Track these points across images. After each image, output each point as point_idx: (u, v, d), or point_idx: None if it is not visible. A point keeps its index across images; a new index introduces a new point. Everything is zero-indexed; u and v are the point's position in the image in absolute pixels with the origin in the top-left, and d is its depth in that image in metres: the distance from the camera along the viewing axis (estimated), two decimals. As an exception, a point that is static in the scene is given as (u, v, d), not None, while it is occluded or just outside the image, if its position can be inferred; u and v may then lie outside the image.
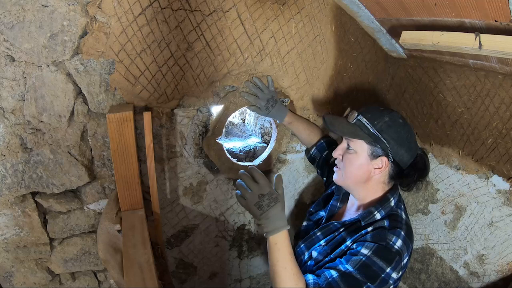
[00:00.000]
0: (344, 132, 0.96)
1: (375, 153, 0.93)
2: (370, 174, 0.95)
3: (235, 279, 1.73)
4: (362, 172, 0.95)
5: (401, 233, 0.86)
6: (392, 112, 0.97)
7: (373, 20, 1.28)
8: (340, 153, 1.00)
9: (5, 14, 0.89)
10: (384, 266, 0.81)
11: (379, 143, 0.93)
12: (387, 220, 0.90)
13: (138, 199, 1.12)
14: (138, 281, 0.81)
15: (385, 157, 0.93)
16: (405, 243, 0.85)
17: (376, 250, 0.82)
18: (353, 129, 0.95)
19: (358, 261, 0.82)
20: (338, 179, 1.02)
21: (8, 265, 1.20)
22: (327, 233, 1.00)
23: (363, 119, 0.94)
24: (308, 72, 1.36)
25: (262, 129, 1.67)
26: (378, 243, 0.83)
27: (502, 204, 1.14)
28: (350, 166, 0.96)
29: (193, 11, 1.07)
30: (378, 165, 0.94)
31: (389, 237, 0.85)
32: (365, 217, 0.92)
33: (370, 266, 0.81)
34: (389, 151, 0.92)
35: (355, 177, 0.97)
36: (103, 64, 1.03)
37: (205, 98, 1.23)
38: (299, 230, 1.16)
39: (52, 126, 1.05)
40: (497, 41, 0.83)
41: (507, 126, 1.09)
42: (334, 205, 1.09)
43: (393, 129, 0.93)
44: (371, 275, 0.80)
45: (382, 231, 0.87)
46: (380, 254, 0.82)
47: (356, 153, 0.95)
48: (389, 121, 0.93)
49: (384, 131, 0.92)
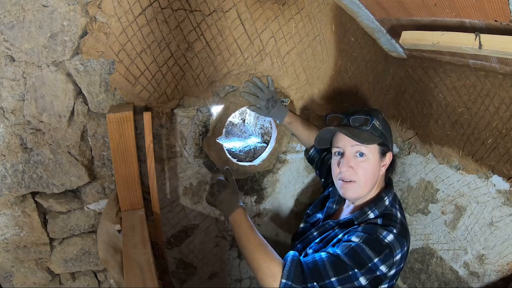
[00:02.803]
0: (364, 140, 0.90)
1: (383, 151, 0.95)
2: (379, 174, 0.96)
3: (235, 279, 1.73)
4: (377, 175, 0.95)
5: (393, 230, 0.85)
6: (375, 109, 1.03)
7: (373, 20, 1.28)
8: (351, 165, 0.92)
9: (5, 14, 0.89)
10: (372, 256, 0.80)
11: (385, 141, 0.95)
12: (381, 219, 0.89)
13: (138, 199, 1.12)
14: (138, 281, 0.81)
15: (390, 151, 0.97)
16: (397, 239, 0.83)
17: (366, 239, 0.82)
18: (368, 135, 0.92)
19: (347, 246, 0.81)
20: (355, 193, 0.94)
21: (8, 265, 1.20)
22: (322, 232, 1.01)
23: (376, 122, 0.94)
24: (308, 72, 1.36)
25: (262, 129, 1.66)
26: (369, 234, 0.83)
27: (502, 204, 1.14)
28: (367, 173, 0.92)
29: (193, 11, 1.07)
30: (385, 162, 0.96)
31: (379, 231, 0.84)
32: (358, 217, 0.92)
33: (359, 253, 0.80)
34: (390, 145, 0.97)
35: (371, 184, 0.94)
36: (103, 64, 1.03)
37: (205, 98, 1.22)
38: (297, 232, 1.16)
39: (52, 126, 1.05)
40: (497, 41, 0.84)
41: (507, 126, 1.09)
42: (330, 207, 1.09)
43: (387, 124, 0.99)
44: (359, 261, 0.79)
45: (373, 226, 0.86)
46: (369, 244, 0.81)
47: (369, 159, 0.92)
48: (382, 118, 0.98)
49: (385, 128, 0.97)
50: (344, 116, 0.99)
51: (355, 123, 0.95)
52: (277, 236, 1.70)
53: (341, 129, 0.93)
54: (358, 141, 0.90)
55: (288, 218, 1.69)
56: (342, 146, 0.95)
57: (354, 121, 0.95)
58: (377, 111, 1.00)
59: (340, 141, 0.96)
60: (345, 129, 0.93)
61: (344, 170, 0.93)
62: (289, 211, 1.69)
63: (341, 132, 0.93)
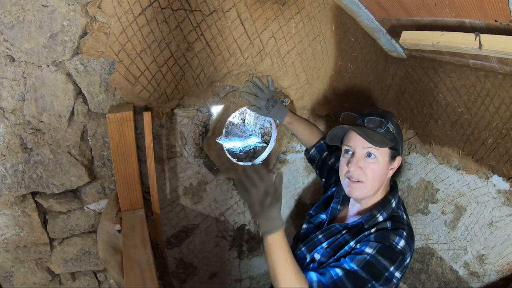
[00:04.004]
0: (376, 142, 0.90)
1: (393, 155, 0.95)
2: (387, 176, 0.96)
3: (235, 279, 1.73)
4: (384, 177, 0.95)
5: (404, 234, 0.86)
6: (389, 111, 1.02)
7: (373, 20, 1.28)
8: (360, 165, 0.92)
9: (5, 14, 0.89)
10: (388, 265, 0.81)
11: (396, 144, 0.95)
12: (390, 222, 0.90)
13: (138, 199, 1.12)
14: (138, 281, 0.81)
15: (400, 156, 0.96)
16: (407, 243, 0.85)
17: (380, 249, 0.83)
18: (381, 138, 0.92)
19: (362, 260, 0.82)
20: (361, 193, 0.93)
21: (8, 265, 1.20)
22: (329, 236, 0.99)
23: (391, 126, 0.93)
24: (308, 72, 1.36)
25: (262, 129, 1.67)
26: (382, 243, 0.84)
27: (502, 204, 1.14)
28: (375, 175, 0.92)
29: (193, 11, 1.07)
30: (394, 166, 0.96)
31: (392, 238, 0.85)
32: (368, 220, 0.92)
33: (375, 265, 0.81)
34: (400, 149, 0.97)
35: (378, 186, 0.94)
36: (103, 64, 1.03)
37: (205, 98, 1.22)
38: (299, 233, 1.14)
39: (52, 126, 1.05)
40: (497, 41, 0.84)
41: (507, 126, 1.09)
42: (335, 208, 1.08)
43: (399, 128, 0.98)
44: (376, 273, 0.80)
45: (384, 232, 0.87)
46: (384, 253, 0.82)
47: (379, 161, 0.92)
48: (395, 121, 0.97)
49: (398, 132, 0.96)
50: (359, 116, 0.98)
51: (369, 124, 0.94)
52: (277, 236, 1.70)
53: (356, 128, 0.92)
54: (371, 142, 0.89)
55: (288, 218, 1.69)
56: (353, 145, 0.94)
57: (369, 122, 0.94)
58: (391, 114, 0.99)
59: (352, 140, 0.95)
60: (359, 129, 0.92)
61: (352, 170, 0.93)
62: (289, 211, 1.69)
63: (356, 132, 0.92)
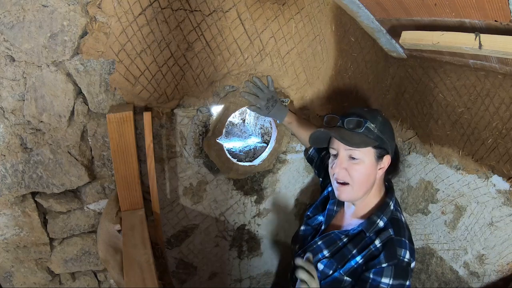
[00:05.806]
0: (355, 144, 0.90)
1: (380, 154, 0.94)
2: (376, 177, 0.95)
3: (235, 279, 1.73)
4: (372, 178, 0.94)
5: (406, 243, 0.88)
6: (376, 109, 1.00)
7: (373, 20, 1.28)
8: (344, 167, 0.93)
9: (5, 14, 0.89)
10: (404, 283, 0.84)
11: (383, 143, 0.93)
12: (392, 229, 0.90)
13: (138, 199, 1.12)
14: (138, 281, 0.81)
15: (388, 154, 0.95)
16: (411, 252, 0.87)
17: (395, 274, 0.84)
18: (361, 138, 0.91)
19: None
20: (348, 196, 0.94)
21: (8, 265, 1.20)
22: (329, 243, 0.98)
23: (371, 125, 0.92)
24: (308, 72, 1.36)
25: (262, 129, 1.66)
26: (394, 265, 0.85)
27: (502, 204, 1.14)
28: (361, 176, 0.92)
29: (193, 11, 1.07)
30: (382, 165, 0.95)
31: (398, 252, 0.86)
32: (368, 228, 0.92)
33: None
34: (389, 148, 0.95)
35: (366, 187, 0.94)
36: (103, 64, 1.03)
37: (205, 98, 1.23)
38: (297, 234, 1.14)
39: (52, 126, 1.05)
40: (497, 41, 0.84)
41: (507, 126, 1.09)
42: (331, 209, 1.08)
43: (387, 126, 0.96)
44: None
45: (391, 246, 0.87)
46: (399, 275, 0.84)
47: (363, 162, 0.91)
48: (382, 120, 0.96)
49: (383, 131, 0.94)
50: (340, 117, 0.98)
51: (349, 125, 0.94)
52: (277, 236, 1.70)
53: (332, 131, 0.93)
54: (347, 144, 0.90)
55: (288, 218, 1.69)
56: (336, 147, 0.95)
57: (348, 123, 0.94)
58: (377, 112, 0.98)
59: (335, 142, 0.95)
60: (336, 131, 0.93)
61: (337, 171, 0.94)
62: (289, 211, 1.69)
63: (331, 135, 0.94)
